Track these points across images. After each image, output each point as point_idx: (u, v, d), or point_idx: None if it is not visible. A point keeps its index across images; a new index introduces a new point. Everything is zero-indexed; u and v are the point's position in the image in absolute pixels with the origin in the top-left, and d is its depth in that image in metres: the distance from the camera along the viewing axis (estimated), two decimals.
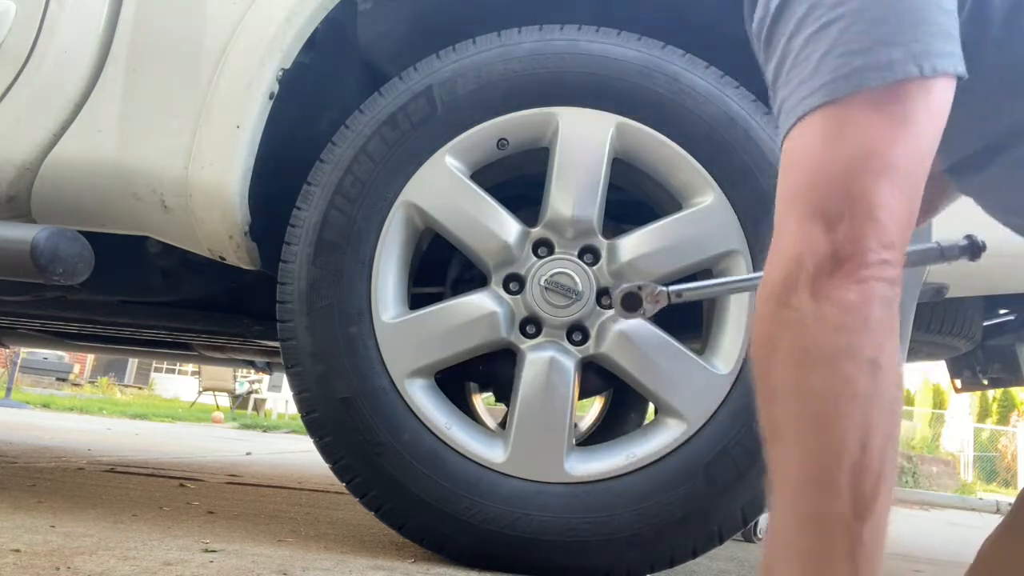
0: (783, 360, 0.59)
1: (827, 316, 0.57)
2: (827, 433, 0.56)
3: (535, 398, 1.31)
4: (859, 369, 0.56)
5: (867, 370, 0.56)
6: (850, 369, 0.56)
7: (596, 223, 1.33)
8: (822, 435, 0.56)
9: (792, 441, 0.58)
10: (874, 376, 0.56)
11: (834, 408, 0.56)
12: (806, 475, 0.56)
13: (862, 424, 0.55)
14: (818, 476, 0.55)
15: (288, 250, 1.36)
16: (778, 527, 0.57)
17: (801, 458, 0.57)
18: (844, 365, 0.56)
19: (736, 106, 1.32)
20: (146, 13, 1.40)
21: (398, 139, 1.34)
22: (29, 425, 5.48)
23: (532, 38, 1.36)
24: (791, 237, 0.60)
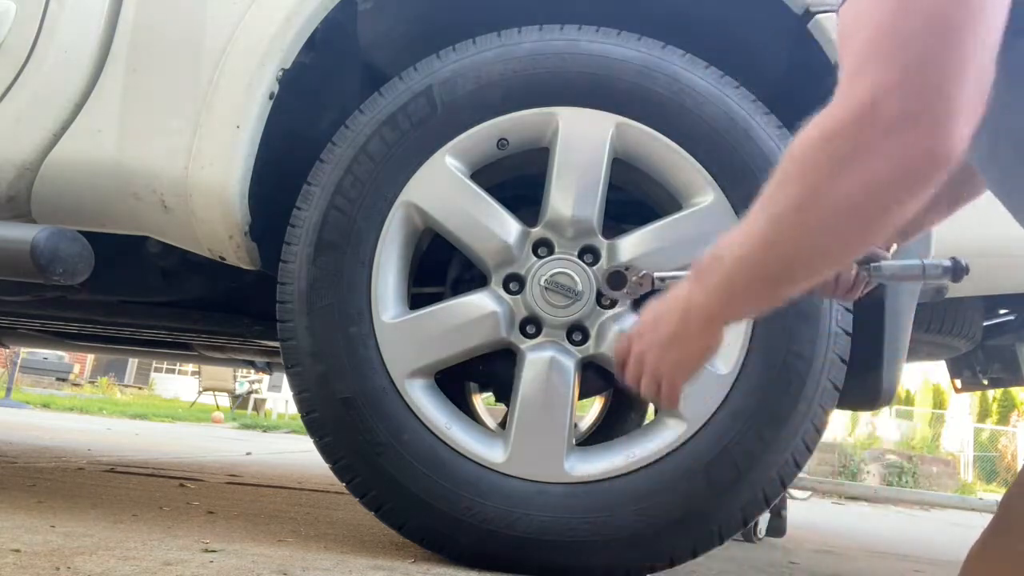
0: (811, 171, 0.64)
1: (881, 162, 0.61)
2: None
3: (535, 398, 1.31)
4: (848, 212, 0.64)
5: (850, 212, 0.64)
6: (844, 210, 0.64)
7: (596, 223, 1.33)
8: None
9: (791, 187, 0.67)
10: (850, 222, 0.65)
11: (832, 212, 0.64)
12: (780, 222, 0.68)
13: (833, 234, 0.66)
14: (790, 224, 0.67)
15: (288, 250, 1.36)
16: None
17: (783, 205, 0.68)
18: (844, 203, 0.63)
19: (736, 106, 1.32)
20: (146, 13, 1.40)
21: (398, 139, 1.34)
22: (29, 425, 5.48)
23: (532, 38, 1.36)
24: (864, 86, 0.61)
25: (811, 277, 0.73)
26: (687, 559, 1.32)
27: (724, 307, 0.76)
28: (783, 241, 0.68)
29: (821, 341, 1.29)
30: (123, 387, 17.91)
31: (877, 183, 0.62)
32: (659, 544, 1.28)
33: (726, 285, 0.74)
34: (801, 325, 1.29)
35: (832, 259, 0.71)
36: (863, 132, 0.61)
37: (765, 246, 0.70)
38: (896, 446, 11.99)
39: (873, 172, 0.61)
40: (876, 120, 0.60)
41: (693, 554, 1.32)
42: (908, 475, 9.40)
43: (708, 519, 1.28)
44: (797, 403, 1.28)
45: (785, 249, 0.69)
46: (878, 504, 7.13)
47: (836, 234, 0.66)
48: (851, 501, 7.14)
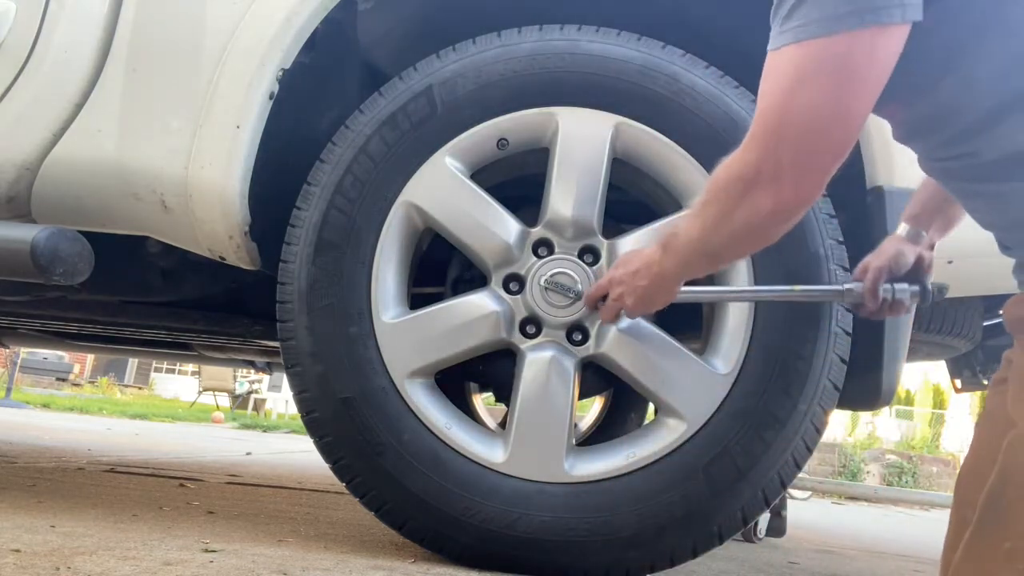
0: (720, 208, 0.95)
1: (751, 215, 0.91)
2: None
3: (535, 398, 1.31)
4: (745, 232, 0.95)
5: (747, 232, 0.96)
6: (742, 230, 0.95)
7: (596, 223, 1.33)
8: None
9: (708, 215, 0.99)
10: (748, 236, 0.97)
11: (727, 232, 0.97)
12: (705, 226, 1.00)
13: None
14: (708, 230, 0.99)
15: (288, 250, 1.36)
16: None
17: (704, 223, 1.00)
18: (741, 227, 0.94)
19: (736, 106, 1.32)
20: (146, 13, 1.40)
21: (398, 139, 1.34)
22: (29, 425, 5.48)
23: (532, 38, 1.36)
24: (752, 150, 0.88)
25: (736, 259, 1.25)
26: (687, 559, 1.32)
27: (680, 270, 1.10)
28: (712, 240, 0.99)
29: (821, 341, 1.29)
30: (123, 387, 17.90)
31: (756, 214, 0.90)
32: (659, 544, 1.28)
33: (679, 257, 1.07)
34: (801, 325, 1.29)
35: (741, 254, 1.19)
36: (749, 186, 0.89)
37: (701, 239, 1.01)
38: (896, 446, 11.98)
39: (755, 211, 0.90)
40: (759, 179, 0.88)
41: (693, 554, 1.32)
42: (908, 475, 9.40)
43: (708, 519, 1.28)
44: (797, 403, 1.28)
45: (714, 245, 1.00)
46: (878, 504, 7.13)
47: (737, 242, 0.99)
48: (851, 501, 7.14)
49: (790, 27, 0.82)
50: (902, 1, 0.78)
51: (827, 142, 0.84)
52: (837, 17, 0.79)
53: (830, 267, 1.30)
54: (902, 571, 2.29)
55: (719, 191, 0.94)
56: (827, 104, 0.82)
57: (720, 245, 1.00)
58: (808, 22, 0.80)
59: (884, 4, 0.78)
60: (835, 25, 0.79)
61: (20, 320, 2.25)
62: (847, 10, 0.79)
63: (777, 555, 2.22)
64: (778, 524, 2.61)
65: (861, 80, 0.81)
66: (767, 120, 0.86)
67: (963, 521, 0.84)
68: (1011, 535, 0.75)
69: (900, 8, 0.78)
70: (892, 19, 0.79)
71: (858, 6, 0.78)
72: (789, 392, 1.28)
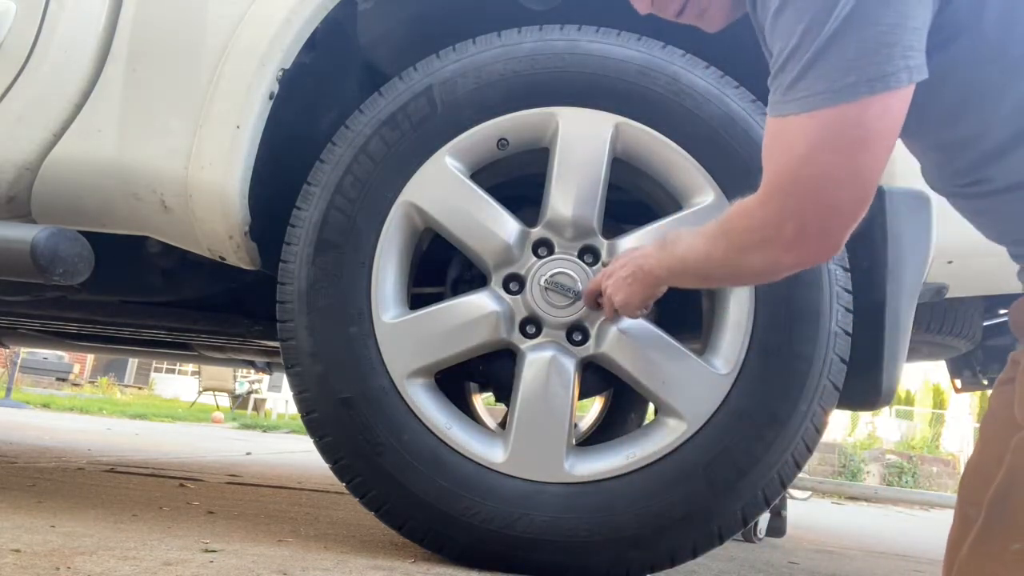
0: (735, 248, 0.97)
1: (769, 266, 0.95)
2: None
3: (535, 398, 1.31)
4: (751, 275, 1.06)
5: (753, 276, 1.07)
6: (748, 273, 1.02)
7: (596, 223, 1.33)
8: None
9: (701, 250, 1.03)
10: (751, 278, 1.13)
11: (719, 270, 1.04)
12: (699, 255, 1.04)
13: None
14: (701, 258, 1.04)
15: (288, 250, 1.36)
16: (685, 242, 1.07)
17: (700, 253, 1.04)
18: (748, 270, 0.99)
19: (736, 106, 1.32)
20: (146, 13, 1.40)
21: (398, 139, 1.34)
22: (29, 425, 5.48)
23: (532, 38, 1.36)
24: (775, 207, 0.89)
25: (725, 286, 1.29)
26: (687, 559, 1.32)
27: (667, 276, 1.13)
28: (711, 267, 1.03)
29: (821, 341, 1.29)
30: (123, 387, 17.90)
31: (775, 265, 0.94)
32: (659, 544, 1.28)
33: (671, 266, 1.10)
34: (801, 325, 1.29)
35: (740, 283, 1.24)
36: (769, 236, 0.90)
37: (700, 262, 1.04)
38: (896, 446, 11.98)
39: (773, 262, 0.93)
40: (781, 238, 0.89)
41: (693, 554, 1.32)
42: (908, 475, 9.40)
43: (708, 519, 1.28)
44: (797, 403, 1.28)
45: (710, 271, 1.05)
46: (878, 504, 7.13)
47: (740, 277, 1.11)
48: (851, 501, 7.14)
49: (795, 97, 0.82)
50: (907, 64, 0.78)
51: (847, 202, 0.84)
52: (845, 87, 0.78)
53: (830, 267, 1.30)
54: (902, 571, 2.29)
55: (737, 233, 0.95)
56: (843, 169, 0.82)
57: (718, 274, 1.05)
58: (814, 93, 0.80)
59: (892, 70, 0.78)
60: (844, 96, 0.79)
61: (20, 320, 2.25)
62: (854, 80, 0.78)
63: (777, 555, 2.22)
64: (778, 524, 2.61)
65: (874, 144, 0.81)
66: (782, 181, 0.87)
67: (967, 520, 0.84)
68: (1019, 536, 0.75)
69: (907, 72, 0.79)
70: (900, 84, 0.79)
71: (866, 75, 0.78)
72: (789, 392, 1.28)
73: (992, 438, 0.87)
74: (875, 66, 0.78)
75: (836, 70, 0.79)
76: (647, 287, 1.16)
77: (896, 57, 0.78)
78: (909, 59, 0.78)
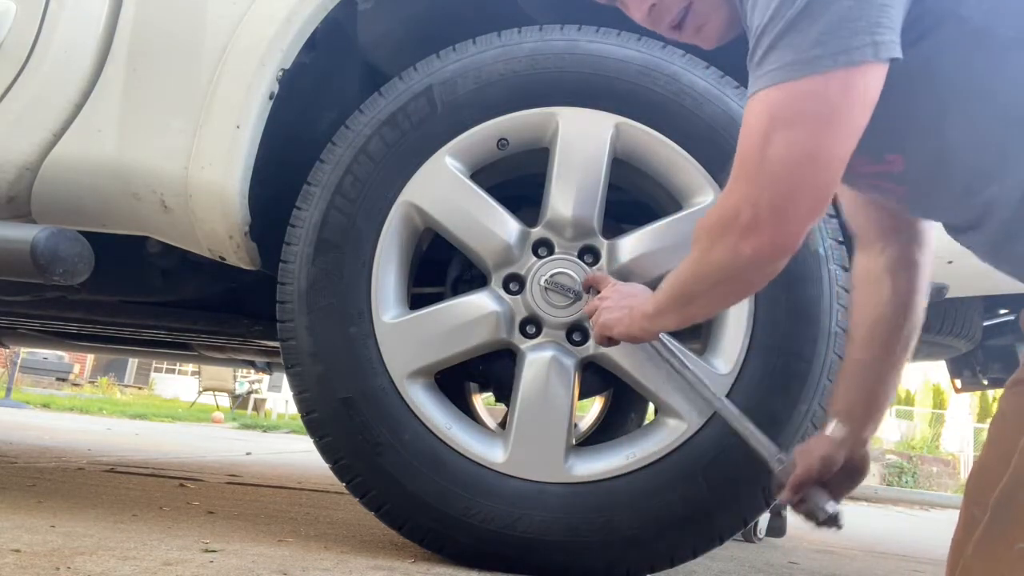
0: (701, 250, 0.94)
1: (729, 258, 0.90)
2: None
3: (535, 398, 1.31)
4: (724, 287, 0.96)
5: (721, 277, 0.95)
6: (720, 284, 0.95)
7: (596, 223, 1.33)
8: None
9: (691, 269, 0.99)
10: (741, 283, 0.96)
11: (705, 280, 0.97)
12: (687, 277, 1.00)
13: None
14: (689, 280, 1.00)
15: (288, 250, 1.36)
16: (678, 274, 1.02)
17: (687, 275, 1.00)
18: (717, 275, 0.94)
19: (736, 106, 1.32)
20: (146, 13, 1.40)
21: (398, 139, 1.34)
22: (29, 425, 5.48)
23: (532, 38, 1.36)
24: (734, 194, 0.87)
25: (705, 314, 1.13)
26: (687, 559, 1.32)
27: (654, 315, 1.08)
28: (692, 285, 0.99)
29: (821, 341, 1.29)
30: (123, 387, 17.90)
31: (735, 256, 0.89)
32: (659, 544, 1.28)
33: (658, 302, 1.06)
34: (801, 325, 1.29)
35: (717, 303, 1.08)
36: (728, 229, 0.88)
37: (683, 284, 1.00)
38: (896, 446, 11.98)
39: (735, 255, 0.89)
40: (737, 224, 0.86)
41: (693, 554, 1.32)
42: (908, 475, 9.40)
43: (708, 519, 1.29)
44: (797, 403, 1.28)
45: (693, 291, 1.00)
46: (878, 504, 7.14)
47: (715, 285, 0.96)
48: (851, 501, 7.14)
49: (764, 72, 0.82)
50: (874, 40, 0.77)
51: (805, 187, 0.82)
52: (809, 60, 0.78)
53: (830, 267, 1.30)
54: (902, 571, 2.29)
55: (701, 232, 0.93)
56: (803, 147, 0.81)
57: (699, 292, 0.98)
58: (781, 66, 0.80)
59: (857, 44, 0.77)
60: (808, 68, 0.78)
61: (20, 320, 2.25)
62: (819, 53, 0.77)
63: (777, 555, 2.22)
64: (778, 524, 2.61)
65: (837, 122, 0.80)
66: (745, 164, 0.85)
67: (972, 520, 0.83)
68: (1022, 534, 0.74)
69: (872, 47, 0.77)
70: (865, 57, 0.77)
71: (830, 48, 0.77)
72: (789, 392, 1.28)
73: (1000, 438, 0.85)
74: (840, 40, 0.77)
75: (803, 43, 0.78)
76: (631, 327, 1.13)
77: (861, 32, 0.76)
78: (876, 35, 0.77)
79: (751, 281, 0.95)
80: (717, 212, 0.91)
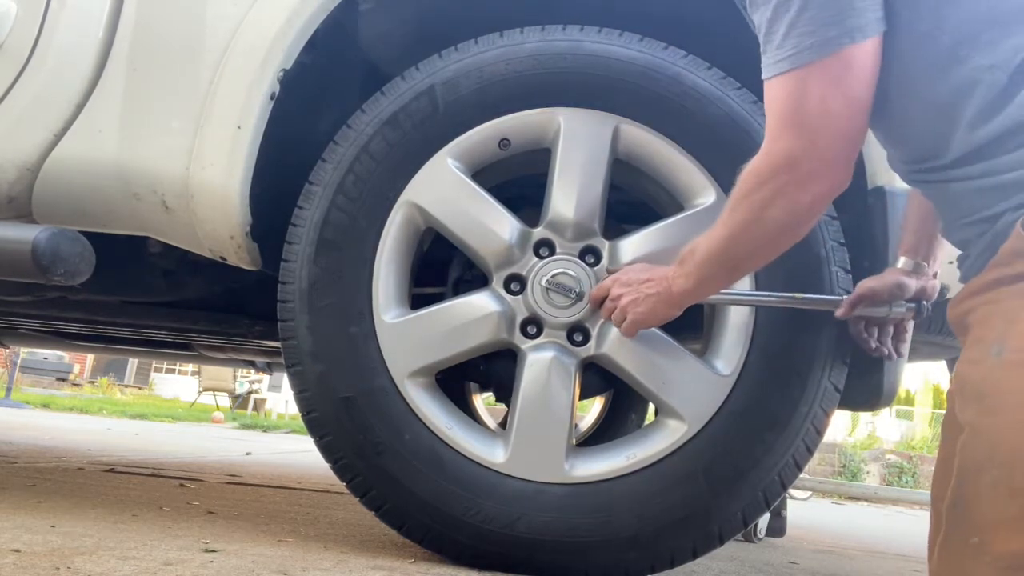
0: (751, 210, 1.02)
1: (788, 211, 1.00)
2: None
3: (536, 398, 1.31)
4: (776, 231, 1.04)
5: (778, 232, 1.04)
6: (773, 230, 1.03)
7: (597, 224, 1.33)
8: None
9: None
10: (777, 237, 1.05)
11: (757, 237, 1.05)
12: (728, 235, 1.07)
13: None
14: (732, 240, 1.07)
15: (289, 249, 1.36)
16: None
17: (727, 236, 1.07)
18: (773, 226, 1.03)
19: (738, 107, 1.32)
20: (147, 13, 1.40)
21: (400, 139, 1.34)
22: (29, 425, 5.48)
23: (535, 38, 1.36)
24: (782, 149, 0.97)
25: (755, 267, 1.23)
26: (687, 560, 1.32)
27: (696, 287, 1.14)
28: (737, 247, 1.06)
29: (823, 343, 1.29)
30: (123, 387, 17.90)
31: (795, 211, 0.99)
32: (659, 545, 1.28)
33: (698, 273, 1.12)
34: (803, 327, 1.29)
35: (762, 260, 1.13)
36: (784, 179, 0.97)
37: (726, 249, 1.07)
38: (896, 446, 11.97)
39: (793, 204, 0.99)
40: (793, 172, 0.96)
41: (693, 555, 1.32)
42: (908, 475, 9.39)
43: (708, 520, 1.28)
44: (798, 405, 1.28)
45: (738, 252, 1.07)
46: (878, 504, 7.14)
47: (767, 244, 1.06)
48: (851, 501, 7.14)
49: (785, 55, 0.95)
50: (877, 17, 0.92)
51: (848, 128, 0.95)
52: (829, 40, 0.92)
53: (832, 269, 1.30)
54: (902, 571, 2.29)
55: (751, 192, 1.00)
56: (838, 99, 0.93)
57: (745, 253, 1.07)
58: (801, 49, 0.93)
59: (864, 23, 0.92)
60: (830, 47, 0.93)
61: (20, 320, 2.25)
62: (836, 32, 0.92)
63: (777, 555, 2.22)
64: (778, 524, 2.61)
65: (859, 77, 0.94)
66: (789, 121, 0.95)
67: (939, 517, 0.88)
68: (975, 530, 0.79)
69: (877, 23, 0.93)
70: (875, 33, 0.93)
71: (847, 27, 0.92)
72: (790, 394, 1.28)
73: (945, 443, 0.92)
74: (852, 19, 0.91)
75: (820, 26, 0.92)
76: (671, 308, 1.19)
77: (868, 9, 0.92)
78: (876, 12, 0.92)
79: (803, 230, 1.06)
80: (767, 170, 0.98)
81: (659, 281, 1.17)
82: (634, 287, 1.21)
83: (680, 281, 1.14)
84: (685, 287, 1.14)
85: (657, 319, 1.21)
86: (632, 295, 1.20)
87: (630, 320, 1.21)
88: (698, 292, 1.16)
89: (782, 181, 0.97)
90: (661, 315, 1.20)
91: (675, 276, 1.15)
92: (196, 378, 15.32)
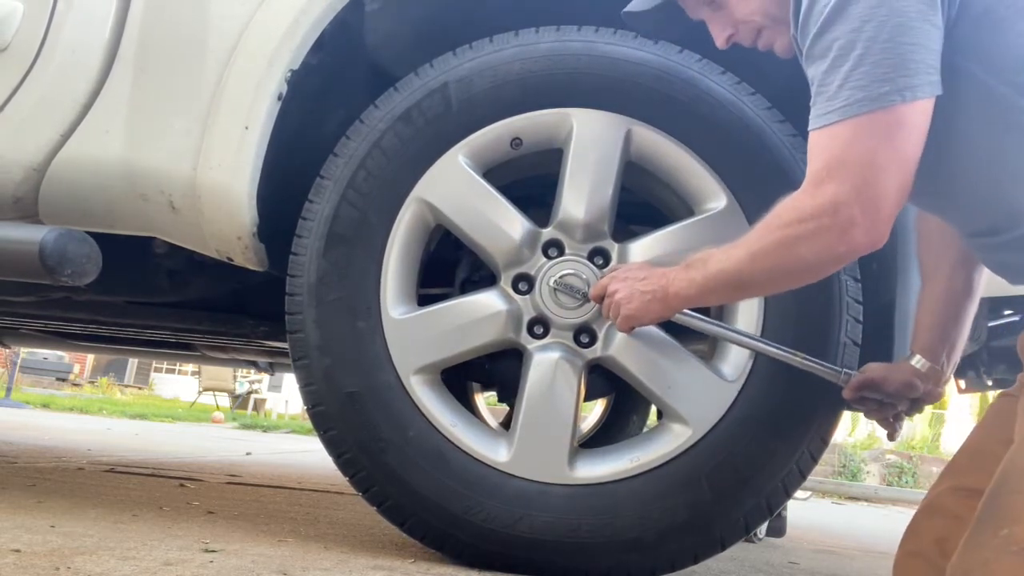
0: (783, 242, 1.03)
1: (821, 253, 1.01)
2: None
3: (541, 399, 1.31)
4: (800, 268, 1.05)
5: (802, 269, 1.06)
6: (797, 267, 1.05)
7: (607, 225, 1.33)
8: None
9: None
10: (799, 273, 1.08)
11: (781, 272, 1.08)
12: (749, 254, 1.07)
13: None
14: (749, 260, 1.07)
15: (299, 243, 1.35)
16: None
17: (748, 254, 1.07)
18: (798, 263, 1.04)
19: (751, 112, 1.31)
20: (154, 13, 1.39)
21: (412, 135, 1.34)
22: (29, 425, 5.47)
23: (550, 38, 1.35)
24: (828, 192, 0.98)
25: (759, 295, 1.26)
26: (688, 564, 1.32)
27: (695, 297, 1.13)
28: (753, 271, 1.06)
29: (830, 351, 1.28)
30: (123, 387, 17.87)
31: (826, 255, 1.01)
32: (660, 548, 1.28)
33: (703, 283, 1.11)
34: (811, 335, 1.28)
35: (779, 287, 1.16)
36: (826, 222, 0.98)
37: (741, 269, 1.07)
38: (896, 446, 11.96)
39: (828, 248, 1.00)
40: (836, 217, 0.97)
41: (694, 560, 1.32)
42: (908, 475, 9.39)
43: (710, 525, 1.28)
44: (804, 412, 1.28)
45: (752, 276, 1.07)
46: (878, 504, 7.13)
47: (785, 277, 1.08)
48: (851, 501, 7.14)
49: (837, 106, 0.97)
50: (930, 80, 0.96)
51: (892, 189, 0.97)
52: (881, 95, 0.95)
53: (841, 277, 1.29)
54: None
55: (783, 226, 1.01)
56: (885, 154, 0.96)
57: (760, 279, 1.08)
58: (854, 101, 0.96)
59: (919, 83, 0.95)
60: (881, 102, 0.96)
61: (23, 320, 2.25)
62: (888, 89, 0.95)
63: (777, 555, 2.22)
64: (778, 524, 2.61)
65: (910, 135, 0.97)
66: (833, 170, 0.98)
67: (956, 503, 1.02)
68: (1006, 522, 0.85)
69: (930, 86, 0.96)
70: (926, 95, 0.96)
71: (898, 85, 0.95)
72: (797, 402, 1.28)
73: (986, 435, 1.02)
74: (905, 78, 0.94)
75: (872, 81, 0.95)
76: (665, 309, 1.17)
77: (922, 72, 0.95)
78: (931, 76, 0.96)
79: (824, 274, 1.09)
80: (809, 210, 0.99)
81: (656, 279, 1.15)
82: (629, 283, 1.19)
83: (681, 284, 1.12)
84: (686, 292, 1.12)
85: (650, 317, 1.19)
86: (626, 291, 1.18)
87: (622, 316, 1.19)
88: (696, 300, 1.15)
89: (823, 224, 0.97)
90: (655, 313, 1.17)
91: (676, 278, 1.13)
92: (196, 378, 15.30)
